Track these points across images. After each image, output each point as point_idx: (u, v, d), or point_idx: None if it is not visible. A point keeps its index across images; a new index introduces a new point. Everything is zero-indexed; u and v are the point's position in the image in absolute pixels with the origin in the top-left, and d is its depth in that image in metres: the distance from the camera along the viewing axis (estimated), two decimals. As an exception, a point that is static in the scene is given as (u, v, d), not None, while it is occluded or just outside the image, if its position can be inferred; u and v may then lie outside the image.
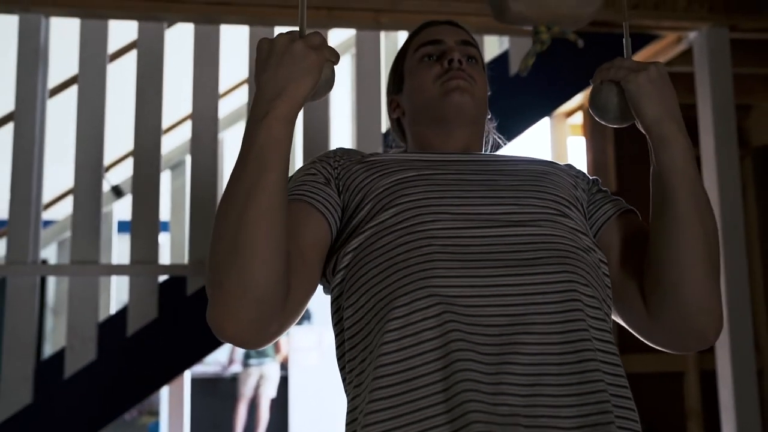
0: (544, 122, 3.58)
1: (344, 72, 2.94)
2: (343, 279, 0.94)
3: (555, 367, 0.82)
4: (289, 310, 0.90)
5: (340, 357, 0.97)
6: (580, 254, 0.92)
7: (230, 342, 0.90)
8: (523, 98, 2.79)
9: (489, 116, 1.20)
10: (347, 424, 0.89)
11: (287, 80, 0.88)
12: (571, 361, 0.83)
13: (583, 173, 1.11)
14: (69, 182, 2.56)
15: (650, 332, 1.01)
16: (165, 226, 3.17)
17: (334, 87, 0.95)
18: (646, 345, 3.29)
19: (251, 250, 0.84)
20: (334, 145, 2.97)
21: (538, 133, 3.50)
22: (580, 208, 1.03)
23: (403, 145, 1.21)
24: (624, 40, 1.07)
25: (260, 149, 0.86)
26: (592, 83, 1.04)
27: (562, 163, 1.13)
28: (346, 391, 0.94)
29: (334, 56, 0.92)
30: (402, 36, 2.98)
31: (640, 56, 2.90)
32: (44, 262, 3.27)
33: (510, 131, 2.75)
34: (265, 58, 0.90)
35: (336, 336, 0.98)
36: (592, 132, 3.50)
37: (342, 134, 3.10)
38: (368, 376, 0.84)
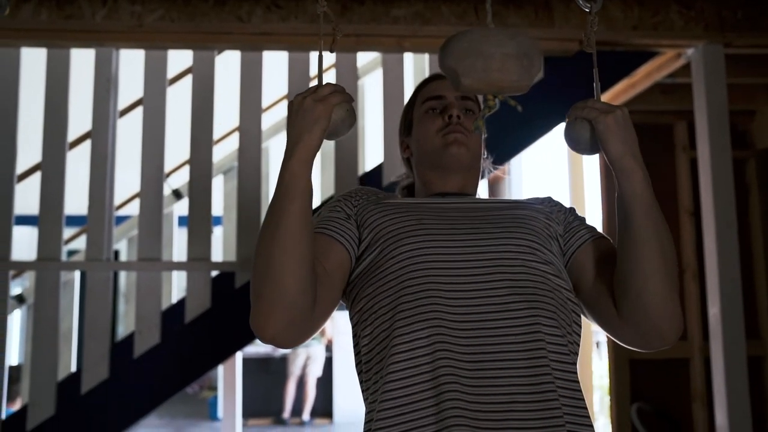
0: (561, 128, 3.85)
1: (375, 86, 3.27)
2: (359, 313, 1.15)
3: (523, 395, 1.00)
4: (317, 315, 1.10)
5: (358, 373, 1.15)
6: (547, 295, 1.09)
7: (269, 343, 1.08)
8: (536, 110, 3.07)
9: (485, 156, 1.40)
10: (365, 423, 1.08)
11: (302, 130, 1.08)
12: (536, 391, 1.01)
13: (560, 205, 1.29)
14: (137, 186, 2.96)
15: (621, 333, 1.16)
16: (218, 221, 3.56)
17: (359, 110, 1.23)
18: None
19: (281, 263, 1.04)
20: (364, 149, 3.31)
21: (553, 141, 3.75)
22: (555, 243, 1.20)
23: (411, 175, 1.42)
24: (594, 84, 1.26)
25: (286, 185, 1.07)
26: (568, 118, 1.19)
27: (543, 196, 1.32)
28: (364, 399, 1.14)
29: (342, 99, 1.10)
30: (421, 58, 3.29)
31: (643, 71, 3.14)
32: (116, 252, 3.69)
33: (525, 139, 3.06)
34: (289, 115, 1.11)
35: (355, 356, 1.17)
36: (606, 136, 3.74)
37: (374, 140, 3.41)
38: (378, 394, 1.03)
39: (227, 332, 2.79)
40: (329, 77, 3.42)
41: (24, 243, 4.10)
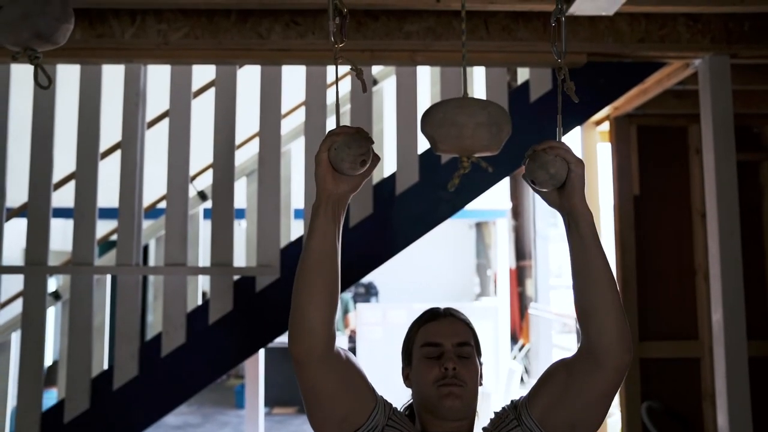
0: (576, 130, 3.93)
1: (394, 90, 3.37)
2: None
3: None
4: (332, 360, 1.26)
5: None
6: None
7: (295, 360, 1.25)
8: (548, 119, 3.17)
9: (481, 382, 1.47)
10: None
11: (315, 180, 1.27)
12: None
13: (507, 411, 1.41)
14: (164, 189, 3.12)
15: (602, 378, 1.26)
16: (241, 214, 3.70)
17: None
18: (664, 333, 3.76)
19: (302, 293, 1.22)
20: (383, 154, 3.42)
21: (571, 140, 3.85)
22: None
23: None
24: (557, 129, 1.37)
25: (308, 225, 1.27)
26: (545, 153, 1.25)
27: (499, 410, 1.44)
28: None
29: (329, 143, 1.21)
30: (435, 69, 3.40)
31: (653, 79, 3.22)
32: (146, 247, 3.87)
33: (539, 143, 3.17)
34: None
35: None
36: (618, 139, 3.82)
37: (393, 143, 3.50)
38: None
39: (248, 333, 2.96)
40: (344, 86, 3.54)
41: (57, 234, 4.27)
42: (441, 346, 1.41)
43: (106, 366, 3.11)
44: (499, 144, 1.18)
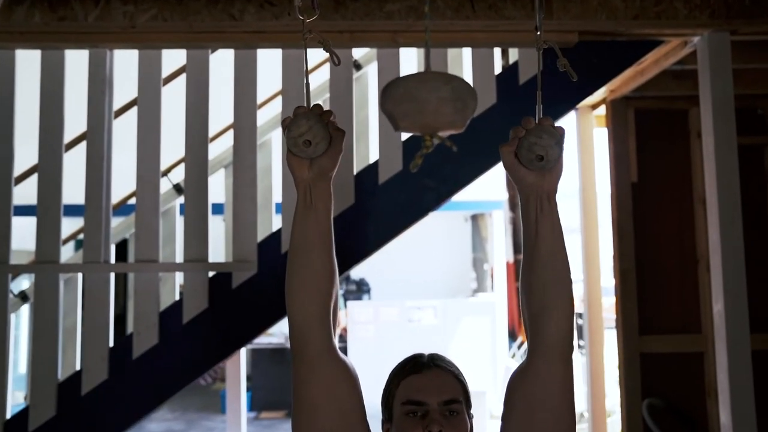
0: (571, 114, 3.77)
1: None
2: None
3: None
4: (324, 361, 1.20)
5: None
6: None
7: (291, 354, 1.23)
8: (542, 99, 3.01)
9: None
10: None
11: None
12: None
13: None
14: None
15: (558, 377, 1.20)
16: (220, 209, 3.54)
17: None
18: (666, 327, 3.59)
19: (287, 287, 1.20)
20: (368, 141, 3.26)
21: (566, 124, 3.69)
22: None
23: None
24: (537, 106, 1.27)
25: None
26: (557, 131, 1.21)
27: None
28: None
29: (284, 129, 1.19)
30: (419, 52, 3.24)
31: (650, 58, 3.06)
32: (125, 242, 3.68)
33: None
34: None
35: None
36: (615, 123, 3.66)
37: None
38: None
39: (225, 332, 2.80)
40: (324, 72, 3.37)
41: (29, 234, 4.13)
42: (425, 405, 1.27)
43: (78, 367, 2.95)
44: (464, 121, 1.05)
